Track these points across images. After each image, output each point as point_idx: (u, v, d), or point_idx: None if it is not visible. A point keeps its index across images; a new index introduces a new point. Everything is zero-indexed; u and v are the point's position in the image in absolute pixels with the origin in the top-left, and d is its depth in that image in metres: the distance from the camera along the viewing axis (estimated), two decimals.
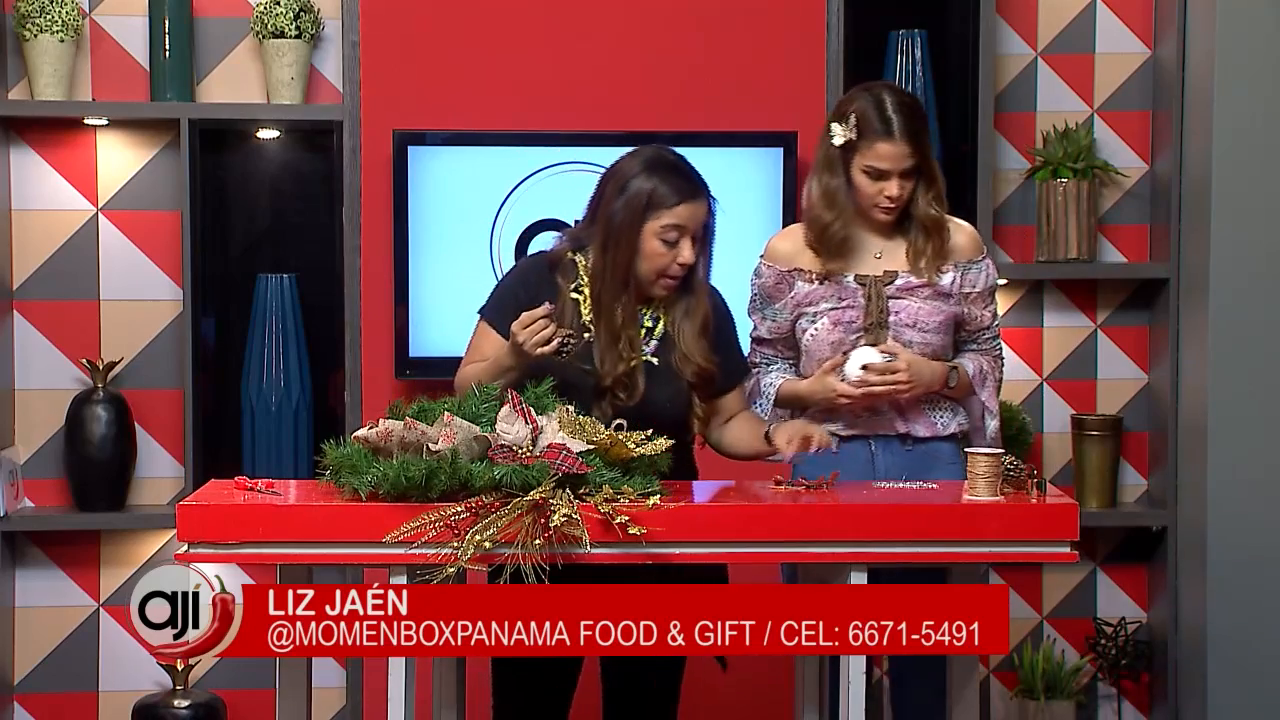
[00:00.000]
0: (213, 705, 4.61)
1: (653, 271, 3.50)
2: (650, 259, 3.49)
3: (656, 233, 3.47)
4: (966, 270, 3.73)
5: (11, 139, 4.66)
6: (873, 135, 3.63)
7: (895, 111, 3.62)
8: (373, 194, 4.61)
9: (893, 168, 3.63)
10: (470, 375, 3.53)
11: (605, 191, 3.53)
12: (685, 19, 4.67)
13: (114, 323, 4.70)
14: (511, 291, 3.58)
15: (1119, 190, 4.91)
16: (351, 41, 4.61)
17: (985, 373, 3.76)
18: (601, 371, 3.49)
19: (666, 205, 3.47)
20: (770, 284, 3.76)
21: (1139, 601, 4.95)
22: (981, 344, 3.81)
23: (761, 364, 3.81)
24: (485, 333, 3.58)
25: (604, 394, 3.49)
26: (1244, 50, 4.53)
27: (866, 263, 3.71)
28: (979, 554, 3.30)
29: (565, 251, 3.58)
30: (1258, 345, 4.57)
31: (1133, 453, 4.93)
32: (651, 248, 3.48)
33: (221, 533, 3.17)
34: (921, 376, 3.65)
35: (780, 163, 4.62)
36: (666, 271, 3.50)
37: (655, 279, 3.51)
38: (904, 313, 3.68)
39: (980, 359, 3.78)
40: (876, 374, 3.61)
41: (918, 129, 3.64)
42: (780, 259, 3.76)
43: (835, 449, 3.57)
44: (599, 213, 3.53)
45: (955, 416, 3.76)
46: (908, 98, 3.69)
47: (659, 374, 3.54)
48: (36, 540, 4.69)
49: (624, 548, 3.15)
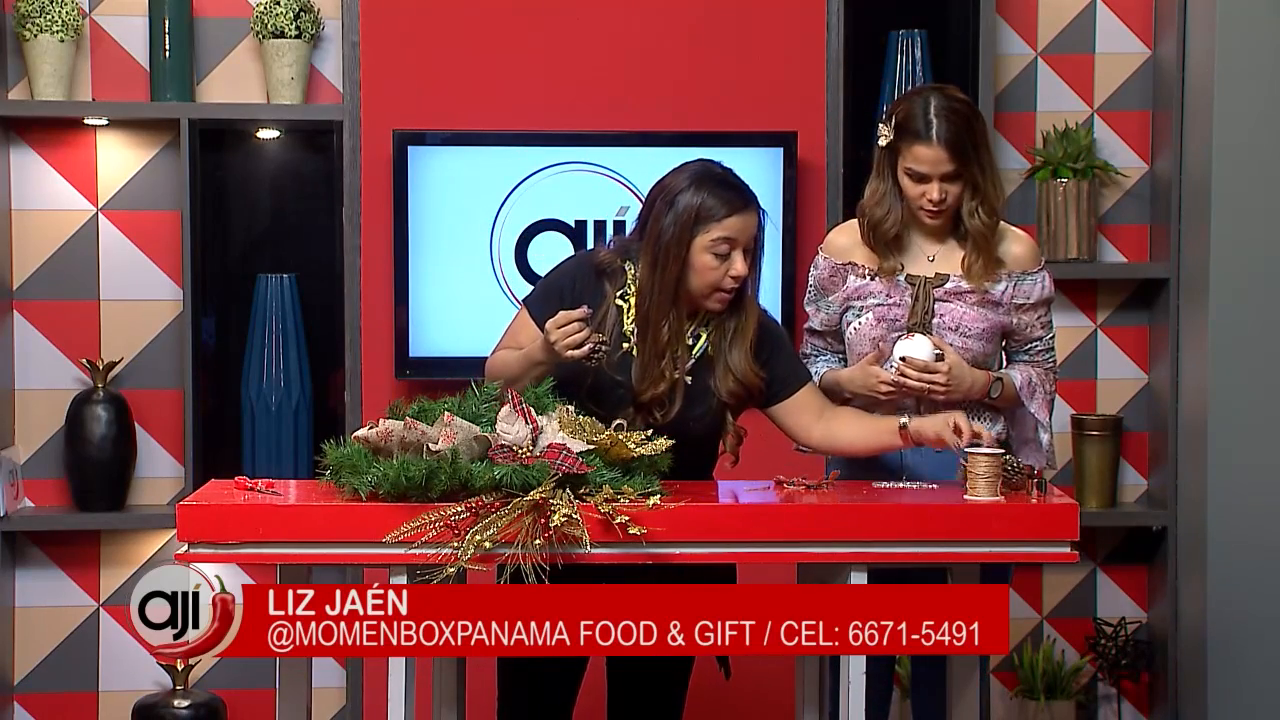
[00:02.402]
0: (213, 705, 4.61)
1: (706, 286, 3.45)
2: (701, 273, 3.44)
3: (707, 246, 3.42)
4: (1020, 281, 3.67)
5: (11, 139, 4.66)
6: (911, 137, 3.60)
7: (936, 115, 3.57)
8: (373, 194, 4.61)
9: (931, 171, 3.59)
10: (501, 360, 3.51)
11: (654, 207, 3.48)
12: (685, 19, 4.67)
13: (114, 323, 4.70)
14: (558, 287, 3.53)
15: (1119, 190, 4.91)
16: (351, 41, 4.61)
17: (1035, 384, 3.68)
18: (640, 388, 3.45)
19: (716, 218, 3.42)
20: (825, 276, 3.75)
21: (1139, 601, 4.95)
22: (1034, 355, 3.73)
23: (811, 355, 3.80)
24: (525, 322, 3.54)
25: (640, 409, 3.46)
26: (1244, 50, 4.53)
27: (920, 263, 3.69)
28: (979, 554, 3.30)
29: (615, 258, 3.53)
30: (1258, 345, 4.57)
31: (1133, 453, 4.93)
32: (702, 262, 3.43)
33: (221, 533, 3.17)
34: (961, 383, 3.58)
35: (780, 163, 4.62)
36: (720, 285, 3.45)
37: (709, 294, 3.46)
38: (949, 316, 3.65)
39: (1030, 370, 3.69)
40: (916, 369, 3.58)
41: (960, 135, 3.56)
42: (836, 252, 3.75)
43: (994, 440, 3.49)
44: (648, 229, 3.48)
45: (992, 427, 3.66)
46: (958, 103, 3.61)
47: (692, 392, 3.50)
48: (36, 540, 4.69)
49: (624, 548, 3.15)
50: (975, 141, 3.60)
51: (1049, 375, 3.74)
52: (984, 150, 3.63)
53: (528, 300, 3.58)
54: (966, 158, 3.59)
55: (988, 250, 3.64)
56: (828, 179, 4.66)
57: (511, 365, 3.45)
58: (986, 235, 3.64)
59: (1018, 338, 3.72)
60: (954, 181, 3.61)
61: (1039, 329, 3.72)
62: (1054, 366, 3.77)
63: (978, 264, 3.64)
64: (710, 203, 3.42)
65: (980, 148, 3.62)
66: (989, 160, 3.65)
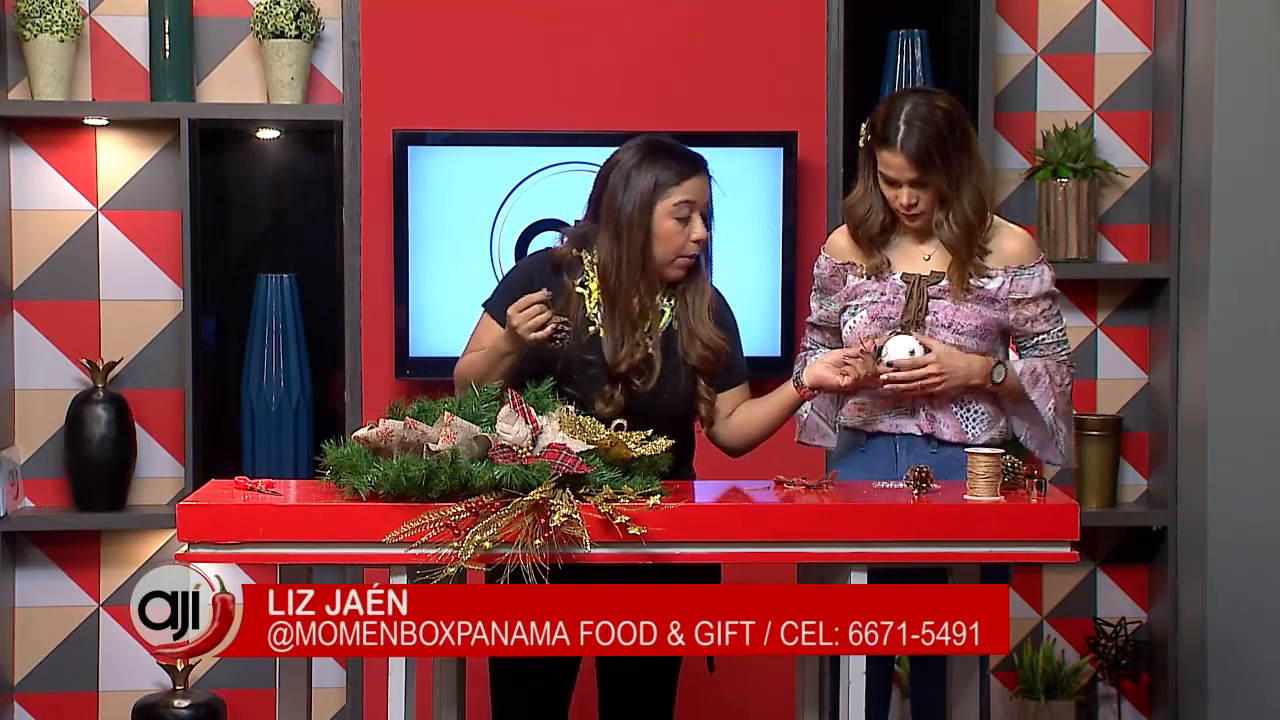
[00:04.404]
0: (213, 705, 4.61)
1: (670, 253, 3.54)
2: (665, 240, 3.53)
3: (669, 212, 3.52)
4: (1018, 276, 3.66)
5: (11, 139, 4.66)
6: (880, 142, 3.61)
7: (906, 122, 3.57)
8: (373, 194, 4.61)
9: (898, 177, 3.60)
10: (468, 362, 3.58)
11: (608, 185, 3.57)
12: (685, 19, 4.67)
13: (114, 323, 4.70)
14: (516, 285, 3.60)
15: (1119, 190, 4.91)
16: (351, 41, 4.61)
17: (1039, 374, 3.65)
18: (616, 359, 3.52)
19: (674, 183, 3.53)
20: (826, 275, 3.77)
21: (1139, 601, 4.95)
22: (1043, 350, 3.70)
23: (808, 350, 3.81)
24: (488, 325, 3.61)
25: (618, 381, 3.52)
26: (1244, 50, 4.53)
27: (915, 262, 3.69)
28: (979, 554, 3.30)
29: (570, 249, 3.61)
30: (1258, 345, 4.57)
31: (1133, 453, 4.93)
32: (665, 229, 3.53)
33: (221, 533, 3.17)
34: (956, 370, 3.58)
35: (780, 163, 4.62)
36: (682, 250, 3.55)
37: (672, 260, 3.55)
38: (942, 313, 3.64)
39: (1037, 362, 3.67)
40: (904, 370, 3.57)
41: (926, 145, 3.55)
42: (836, 252, 3.76)
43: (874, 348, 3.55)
44: (604, 206, 3.56)
45: (991, 428, 3.67)
46: (936, 111, 3.58)
47: (664, 367, 3.55)
48: (36, 540, 4.69)
49: (624, 548, 3.15)
50: (946, 151, 3.58)
51: (1061, 367, 3.69)
52: (958, 159, 3.60)
53: (487, 303, 3.66)
54: (930, 168, 3.58)
55: (961, 260, 3.64)
56: (828, 179, 4.66)
57: (478, 364, 3.53)
58: (957, 246, 3.63)
59: (1022, 333, 3.71)
60: (922, 189, 3.61)
61: (1043, 322, 3.70)
62: (1067, 360, 3.72)
63: (955, 276, 3.64)
64: (666, 170, 3.53)
65: (952, 158, 3.59)
66: (966, 168, 3.61)
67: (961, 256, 3.64)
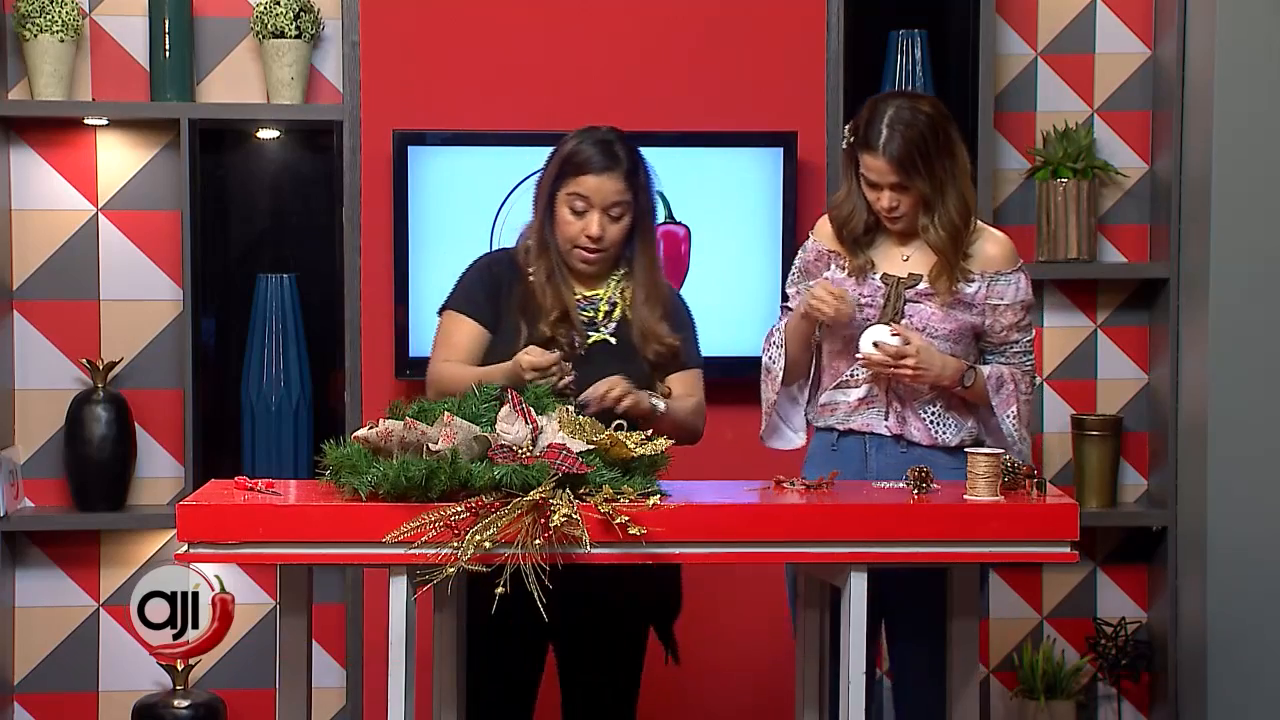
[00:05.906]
0: (213, 705, 4.61)
1: (565, 240, 3.61)
2: (561, 226, 3.60)
3: (564, 200, 3.58)
4: (994, 281, 3.66)
5: (11, 139, 4.66)
6: (861, 145, 3.62)
7: (889, 126, 3.57)
8: (373, 194, 4.61)
9: (879, 180, 3.61)
10: (451, 376, 3.55)
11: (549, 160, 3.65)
12: (685, 19, 4.67)
13: (114, 323, 4.70)
14: (478, 282, 3.66)
15: (1119, 190, 4.91)
16: (351, 41, 4.61)
17: (1004, 380, 3.65)
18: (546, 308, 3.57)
19: (574, 175, 3.57)
20: (811, 258, 3.77)
21: (1139, 601, 4.95)
22: (1009, 358, 3.70)
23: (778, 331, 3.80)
24: (456, 325, 3.63)
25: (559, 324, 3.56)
26: (1244, 50, 4.53)
27: (894, 263, 3.70)
28: (979, 554, 3.30)
29: (526, 244, 3.67)
30: (1258, 345, 4.57)
31: (1133, 453, 4.93)
32: (560, 215, 3.60)
33: (221, 533, 3.17)
34: (932, 365, 3.59)
35: (780, 163, 4.62)
36: (575, 242, 3.59)
37: (569, 248, 3.61)
38: (917, 317, 3.65)
39: (1004, 369, 3.67)
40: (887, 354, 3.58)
41: (907, 150, 3.55)
42: (824, 238, 3.76)
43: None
44: None
45: (960, 431, 3.69)
46: (920, 115, 3.58)
47: (617, 353, 3.58)
48: (36, 540, 4.69)
49: (624, 548, 3.16)
50: (929, 156, 3.58)
51: (1025, 378, 3.71)
52: (941, 164, 3.60)
53: (450, 305, 3.68)
54: (912, 172, 3.58)
55: (948, 263, 3.64)
56: (828, 179, 4.66)
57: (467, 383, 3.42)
58: (944, 250, 3.64)
59: (992, 339, 3.70)
60: (904, 192, 3.61)
61: (1014, 332, 3.70)
62: (1031, 370, 3.73)
63: (941, 279, 3.65)
64: (578, 159, 3.58)
65: (935, 162, 3.59)
66: (950, 172, 3.61)
67: (949, 260, 3.64)
